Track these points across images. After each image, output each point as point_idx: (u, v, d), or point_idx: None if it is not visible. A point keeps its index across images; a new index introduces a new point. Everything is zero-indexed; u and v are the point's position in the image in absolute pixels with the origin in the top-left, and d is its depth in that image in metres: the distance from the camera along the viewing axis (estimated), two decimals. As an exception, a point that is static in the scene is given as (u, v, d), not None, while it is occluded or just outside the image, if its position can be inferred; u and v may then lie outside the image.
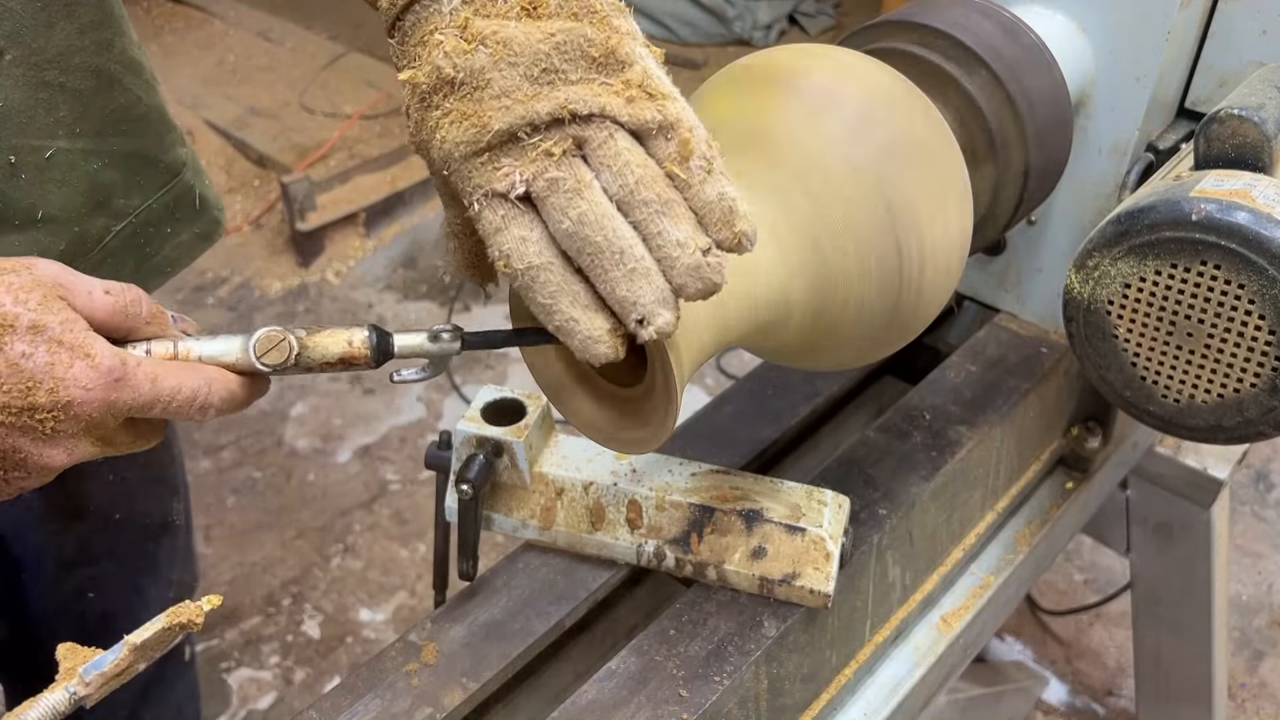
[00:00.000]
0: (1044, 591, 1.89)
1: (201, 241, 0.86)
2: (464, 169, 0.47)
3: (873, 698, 0.81)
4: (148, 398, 0.50)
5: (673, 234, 0.46)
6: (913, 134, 0.61)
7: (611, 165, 0.46)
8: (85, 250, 0.74)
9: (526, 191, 0.46)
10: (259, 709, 1.72)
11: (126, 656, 0.50)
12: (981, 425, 0.84)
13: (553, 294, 0.47)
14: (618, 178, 0.46)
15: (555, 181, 0.46)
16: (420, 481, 2.13)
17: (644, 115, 0.47)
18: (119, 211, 0.76)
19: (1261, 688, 1.75)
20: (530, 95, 0.46)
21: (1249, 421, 0.65)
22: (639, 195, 0.46)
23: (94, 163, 0.72)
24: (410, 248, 2.85)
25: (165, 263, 0.82)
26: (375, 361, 0.54)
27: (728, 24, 3.97)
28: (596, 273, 0.47)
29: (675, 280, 0.47)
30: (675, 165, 0.47)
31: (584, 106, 0.46)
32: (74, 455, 0.50)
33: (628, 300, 0.46)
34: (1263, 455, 2.16)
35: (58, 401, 0.47)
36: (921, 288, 0.63)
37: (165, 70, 3.44)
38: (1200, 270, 0.63)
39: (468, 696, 0.64)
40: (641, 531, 0.71)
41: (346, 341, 0.53)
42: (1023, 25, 0.77)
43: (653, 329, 0.47)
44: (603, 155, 0.46)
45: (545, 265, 0.47)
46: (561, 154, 0.46)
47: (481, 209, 0.47)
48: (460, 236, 0.54)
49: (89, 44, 0.69)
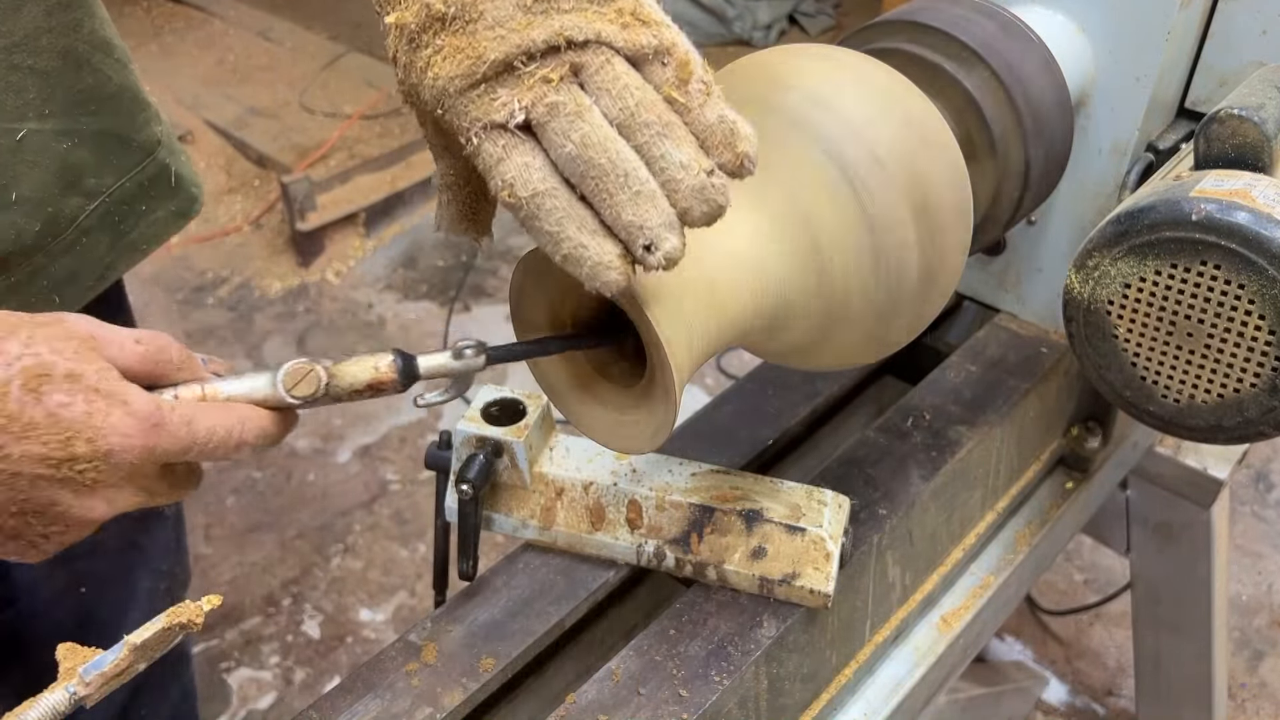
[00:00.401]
0: (1044, 591, 1.89)
1: (178, 218, 0.86)
2: (460, 104, 0.46)
3: (873, 698, 0.81)
4: (185, 441, 0.49)
5: (675, 156, 0.46)
6: (912, 134, 0.61)
7: (610, 89, 0.45)
8: (59, 230, 0.74)
9: (526, 120, 0.45)
10: (259, 709, 1.72)
11: (126, 656, 0.50)
12: (981, 425, 0.84)
13: (559, 220, 0.46)
14: (617, 101, 0.45)
15: (555, 106, 0.45)
16: (420, 481, 2.13)
17: (640, 40, 0.46)
18: (91, 191, 0.76)
19: (1261, 688, 1.75)
20: (524, 24, 0.45)
21: (1249, 421, 0.65)
22: (639, 118, 0.45)
23: (64, 143, 0.72)
24: (410, 248, 2.85)
25: (141, 240, 0.82)
26: (403, 385, 0.53)
27: (728, 24, 3.97)
28: (601, 197, 0.46)
29: (680, 204, 0.46)
30: (673, 89, 0.46)
31: (580, 33, 0.45)
32: (114, 506, 0.49)
33: (634, 224, 0.45)
34: (1263, 455, 2.16)
35: (97, 450, 0.46)
36: (921, 287, 0.63)
37: (165, 70, 3.44)
38: (1200, 270, 0.63)
39: (468, 696, 0.64)
40: (641, 531, 0.71)
41: (373, 368, 0.52)
42: (1023, 25, 0.77)
43: (660, 254, 0.46)
44: (600, 80, 0.46)
45: (550, 191, 0.46)
46: (559, 80, 0.45)
47: (480, 142, 0.46)
48: (454, 188, 0.53)
49: (56, 25, 0.69)
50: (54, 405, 0.45)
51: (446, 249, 2.84)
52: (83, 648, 0.50)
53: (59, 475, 0.46)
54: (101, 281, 0.80)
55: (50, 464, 0.46)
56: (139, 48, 3.63)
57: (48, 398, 0.45)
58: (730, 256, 0.57)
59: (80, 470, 0.46)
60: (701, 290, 0.55)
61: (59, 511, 0.47)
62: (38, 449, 0.45)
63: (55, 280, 0.76)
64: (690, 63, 0.46)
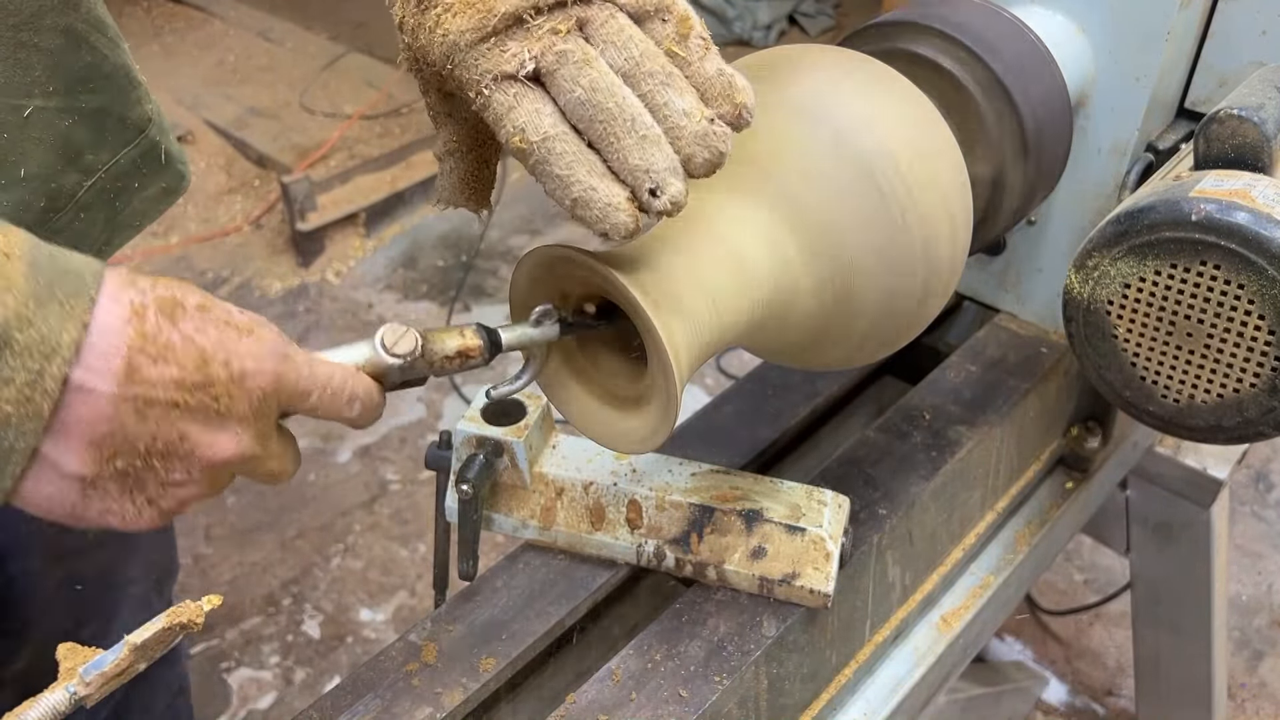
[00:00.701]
0: (1044, 591, 1.89)
1: (168, 195, 0.87)
2: (470, 57, 0.47)
3: (873, 698, 0.81)
4: (307, 381, 0.49)
5: (678, 104, 0.47)
6: (912, 134, 0.61)
7: (615, 41, 0.47)
8: (60, 206, 0.75)
9: (535, 71, 0.47)
10: (259, 709, 1.72)
11: (127, 656, 0.50)
12: (981, 425, 0.84)
13: (570, 163, 0.47)
14: (622, 51, 0.47)
15: (564, 54, 0.47)
16: (420, 481, 2.13)
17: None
18: (89, 167, 0.77)
19: (1261, 688, 1.75)
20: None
21: (1249, 421, 0.65)
22: (644, 68, 0.47)
23: (65, 120, 0.73)
24: (410, 248, 2.85)
25: (134, 216, 0.83)
26: (488, 355, 0.54)
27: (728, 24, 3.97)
28: (609, 141, 0.47)
29: (684, 150, 0.48)
30: (674, 44, 0.48)
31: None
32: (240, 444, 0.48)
33: (640, 168, 0.47)
34: (1263, 455, 2.16)
35: (232, 373, 0.46)
36: (921, 287, 0.63)
37: (165, 70, 3.44)
38: (1200, 270, 0.63)
39: (468, 696, 0.64)
40: (641, 531, 0.71)
41: (460, 335, 0.53)
42: (1023, 25, 0.77)
43: (666, 198, 0.47)
44: (606, 33, 0.47)
45: (561, 135, 0.47)
46: (567, 32, 0.47)
47: (491, 93, 0.47)
48: (457, 154, 0.54)
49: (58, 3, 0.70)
50: (190, 329, 0.45)
51: (446, 249, 2.84)
52: (83, 648, 0.50)
53: (192, 402, 0.45)
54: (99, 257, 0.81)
55: (185, 388, 0.45)
56: (139, 48, 3.63)
57: (183, 323, 0.46)
58: (731, 256, 0.57)
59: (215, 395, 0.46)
60: (702, 290, 0.55)
61: (187, 449, 0.46)
62: (174, 372, 0.45)
63: None
64: (690, 19, 0.49)
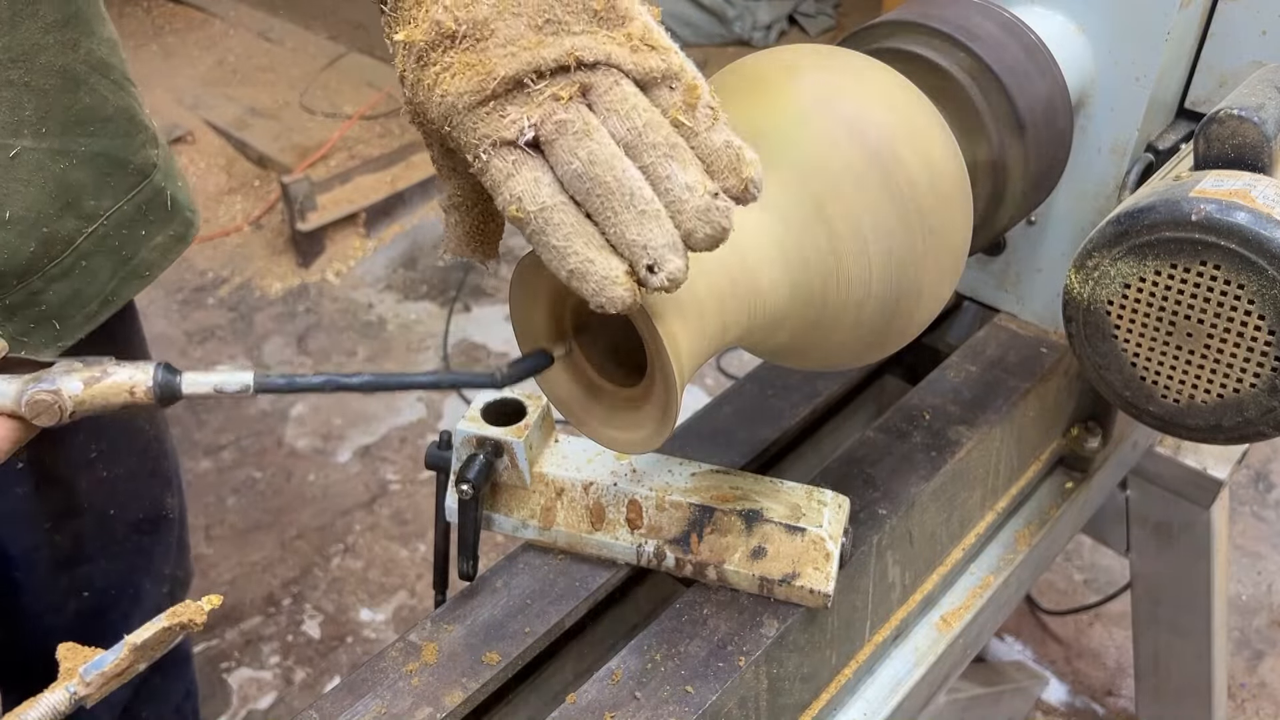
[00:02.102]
0: (1044, 591, 1.89)
1: (176, 243, 0.86)
2: (468, 120, 0.46)
3: (873, 698, 0.81)
4: None
5: (681, 177, 0.46)
6: (912, 134, 0.61)
7: (619, 109, 0.46)
8: (56, 252, 0.74)
9: (535, 138, 0.46)
10: (259, 709, 1.72)
11: (127, 656, 0.50)
12: (981, 425, 0.84)
13: (567, 235, 0.46)
14: (625, 121, 0.46)
15: (564, 124, 0.45)
16: (420, 481, 2.13)
17: (649, 63, 0.46)
18: (89, 213, 0.75)
19: (1261, 688, 1.75)
20: (536, 43, 0.45)
21: (1249, 421, 0.65)
22: (646, 139, 0.46)
23: (61, 163, 0.72)
24: (410, 248, 2.85)
25: (143, 266, 0.82)
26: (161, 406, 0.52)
27: (728, 24, 3.97)
28: (606, 215, 0.46)
29: (684, 225, 0.46)
30: (680, 114, 0.47)
31: (590, 54, 0.46)
32: None
33: (638, 243, 0.46)
34: (1263, 455, 2.16)
35: None
36: (921, 288, 0.63)
37: (165, 71, 3.44)
38: (1200, 270, 0.63)
39: (468, 696, 0.64)
40: (641, 531, 0.71)
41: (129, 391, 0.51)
42: (1023, 25, 0.77)
43: (664, 275, 0.46)
44: (609, 101, 0.46)
45: (558, 206, 0.46)
46: (569, 99, 0.46)
47: (490, 159, 0.46)
48: (463, 208, 0.53)
49: (53, 43, 0.69)
50: None
51: (446, 249, 2.83)
52: (83, 647, 0.50)
53: None
54: (106, 307, 0.80)
55: None
56: (139, 48, 3.63)
57: None
58: (732, 257, 0.57)
59: None
60: (703, 290, 0.55)
61: None
62: None
63: (54, 305, 0.75)
64: (698, 88, 0.47)
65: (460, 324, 2.57)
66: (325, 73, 3.44)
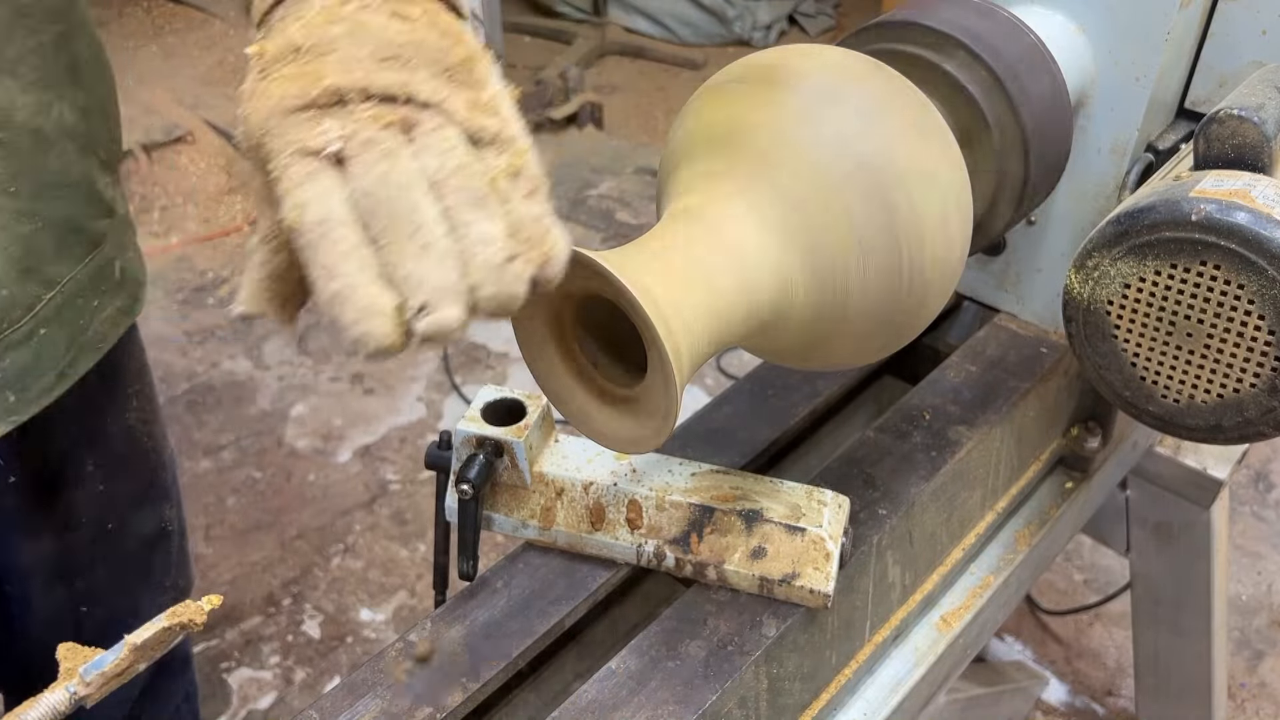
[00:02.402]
0: (1044, 591, 1.89)
1: (124, 315, 0.85)
2: (284, 125, 0.43)
3: (873, 698, 0.81)
4: None
5: (482, 227, 0.43)
6: (911, 133, 0.61)
7: (436, 148, 0.43)
8: (15, 319, 0.72)
9: (341, 154, 0.42)
10: (259, 709, 1.72)
11: (127, 657, 0.50)
12: (981, 425, 0.84)
13: (342, 254, 0.41)
14: (439, 158, 0.43)
15: (371, 141, 0.42)
16: (420, 481, 2.13)
17: (482, 122, 0.45)
18: (50, 279, 0.74)
19: (1261, 688, 1.75)
20: (375, 68, 0.44)
21: (1249, 421, 0.65)
22: (456, 181, 0.43)
23: (27, 225, 0.71)
24: (410, 248, 2.84)
25: (97, 338, 0.81)
26: None
27: (728, 24, 3.97)
28: (387, 241, 0.42)
29: (473, 275, 0.42)
30: (502, 176, 0.44)
31: (424, 93, 0.44)
32: None
33: (412, 279, 0.41)
34: (1263, 455, 2.16)
35: None
36: (921, 288, 0.63)
37: (165, 70, 3.44)
38: (1200, 270, 0.63)
39: (468, 696, 0.64)
40: (641, 531, 0.71)
41: None
42: (1023, 25, 0.77)
43: (433, 319, 0.41)
44: (430, 140, 0.44)
45: (341, 222, 0.42)
46: (387, 125, 0.43)
47: (289, 165, 0.42)
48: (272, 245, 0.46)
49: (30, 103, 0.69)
50: None
51: (446, 249, 2.83)
52: (83, 648, 0.50)
53: None
54: (62, 381, 0.78)
55: None
56: (139, 48, 3.63)
57: None
58: (733, 258, 0.57)
59: None
60: (702, 290, 0.55)
61: None
62: None
63: (10, 374, 0.73)
64: (528, 163, 0.45)
65: (460, 324, 2.57)
66: (325, 73, 3.44)
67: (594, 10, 4.18)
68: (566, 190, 3.15)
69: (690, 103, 0.66)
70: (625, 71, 3.93)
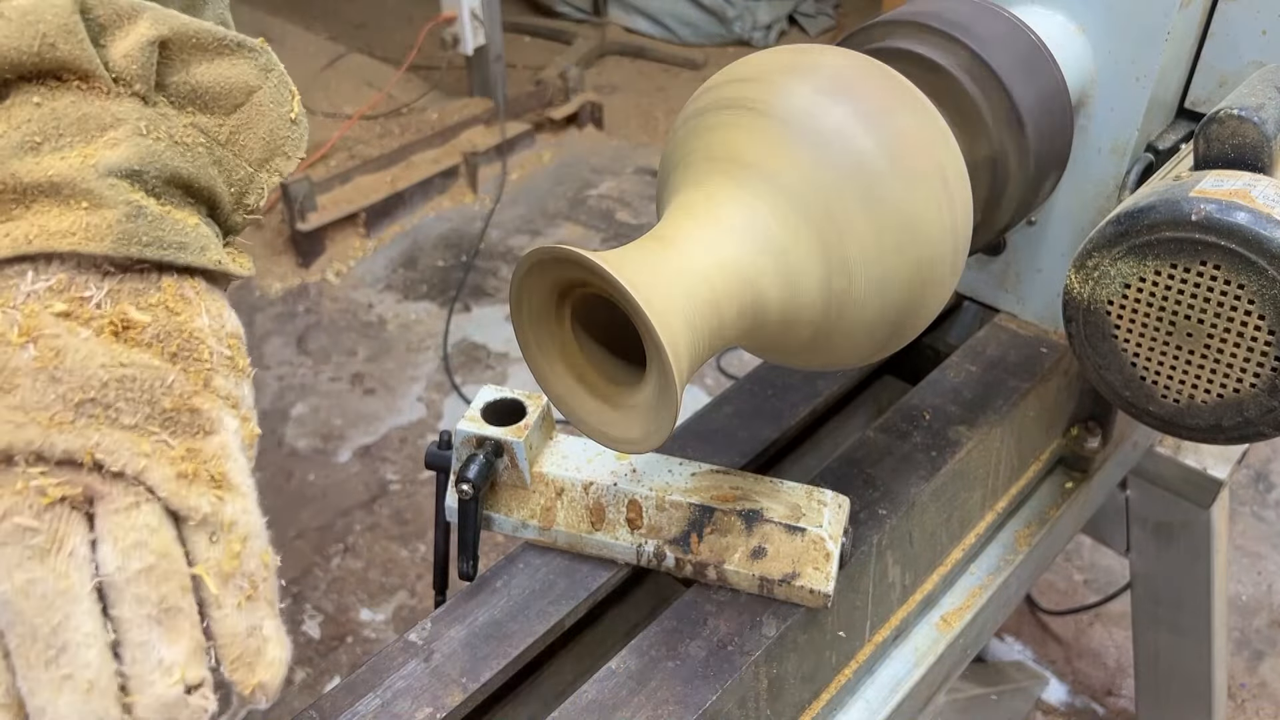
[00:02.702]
0: (1044, 591, 1.89)
1: None
2: None
3: (873, 698, 0.81)
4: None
5: (159, 651, 0.36)
6: (911, 133, 0.61)
7: (119, 540, 0.36)
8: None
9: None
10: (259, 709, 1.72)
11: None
12: (981, 425, 0.84)
13: None
14: (120, 557, 0.36)
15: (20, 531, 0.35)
16: (420, 481, 2.13)
17: (191, 501, 0.38)
18: None
19: (1261, 688, 1.75)
20: (56, 422, 0.36)
21: (1249, 421, 0.65)
22: (138, 588, 0.36)
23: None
24: (410, 248, 2.85)
25: None
26: None
27: (728, 24, 3.97)
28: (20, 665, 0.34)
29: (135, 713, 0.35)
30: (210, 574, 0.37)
31: (117, 461, 0.37)
32: None
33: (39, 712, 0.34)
34: (1263, 455, 2.16)
35: None
36: (921, 288, 0.63)
37: (165, 70, 3.44)
38: (1200, 270, 0.63)
39: (468, 696, 0.64)
40: (641, 531, 0.71)
41: None
42: (1023, 25, 0.77)
43: None
44: (113, 524, 0.36)
45: None
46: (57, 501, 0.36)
47: None
48: None
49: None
50: None
51: (446, 249, 2.84)
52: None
53: None
54: None
55: None
56: (139, 48, 3.62)
57: None
58: (733, 257, 0.57)
59: None
60: (702, 290, 0.55)
61: None
62: None
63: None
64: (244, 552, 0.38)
65: (460, 324, 2.57)
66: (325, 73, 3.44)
67: (594, 10, 4.19)
68: (566, 190, 3.15)
69: (691, 102, 0.66)
70: (625, 71, 3.93)
